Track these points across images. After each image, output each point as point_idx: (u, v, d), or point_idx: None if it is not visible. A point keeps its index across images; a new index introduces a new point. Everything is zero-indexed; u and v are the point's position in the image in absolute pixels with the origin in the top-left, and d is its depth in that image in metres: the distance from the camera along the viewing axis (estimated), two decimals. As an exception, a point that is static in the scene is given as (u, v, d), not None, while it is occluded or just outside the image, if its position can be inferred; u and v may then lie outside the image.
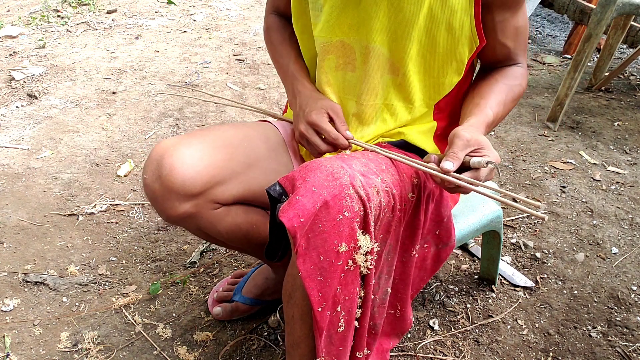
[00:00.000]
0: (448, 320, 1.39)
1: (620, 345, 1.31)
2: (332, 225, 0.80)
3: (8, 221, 1.75)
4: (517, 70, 1.07)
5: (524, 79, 1.08)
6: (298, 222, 0.79)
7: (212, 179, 0.98)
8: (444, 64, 1.00)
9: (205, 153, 0.98)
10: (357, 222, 0.82)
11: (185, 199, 0.97)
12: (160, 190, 0.96)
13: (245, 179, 1.04)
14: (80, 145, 2.17)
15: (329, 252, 0.81)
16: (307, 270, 0.81)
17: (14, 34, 3.23)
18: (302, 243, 0.80)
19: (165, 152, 0.95)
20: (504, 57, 1.06)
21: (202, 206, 1.00)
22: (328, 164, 0.85)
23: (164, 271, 1.56)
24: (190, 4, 3.79)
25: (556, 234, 1.67)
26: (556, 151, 2.10)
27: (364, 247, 0.83)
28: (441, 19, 0.94)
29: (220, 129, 1.06)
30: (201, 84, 2.66)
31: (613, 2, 2.08)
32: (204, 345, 1.32)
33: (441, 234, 1.01)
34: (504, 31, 1.00)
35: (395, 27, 0.95)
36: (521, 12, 1.01)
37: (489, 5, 0.96)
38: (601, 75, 2.58)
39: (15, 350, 1.32)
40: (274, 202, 0.89)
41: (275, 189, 0.89)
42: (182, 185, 0.95)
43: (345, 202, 0.81)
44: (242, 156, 1.03)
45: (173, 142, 0.98)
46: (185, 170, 0.95)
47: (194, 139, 1.00)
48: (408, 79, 1.01)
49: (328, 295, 0.83)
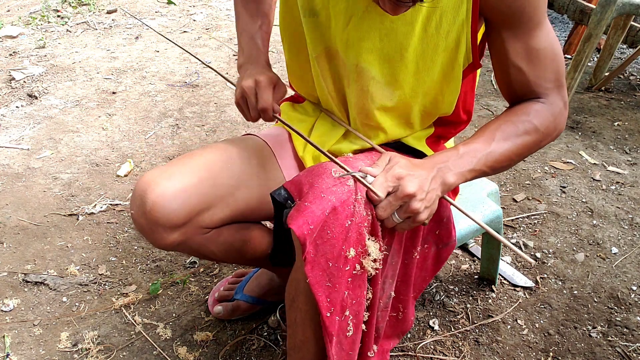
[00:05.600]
0: (448, 320, 1.39)
1: (620, 345, 1.31)
2: (341, 231, 0.80)
3: (8, 221, 1.75)
4: (531, 105, 0.92)
5: (542, 117, 0.90)
6: (308, 229, 0.78)
7: (196, 207, 0.99)
8: (442, 84, 0.96)
9: (187, 182, 0.98)
10: (366, 227, 0.82)
11: (171, 230, 0.99)
12: (146, 224, 0.98)
13: (232, 201, 1.04)
14: (80, 145, 2.17)
15: (337, 258, 0.80)
16: (316, 277, 0.80)
17: (14, 34, 3.23)
18: (310, 250, 0.79)
19: (147, 187, 0.97)
20: (521, 86, 0.92)
21: (191, 233, 1.01)
22: (334, 168, 0.85)
23: (164, 271, 1.56)
24: (190, 4, 3.79)
25: (556, 234, 1.67)
26: (556, 151, 2.10)
27: (373, 254, 0.83)
28: (437, 39, 0.90)
29: (202, 154, 1.05)
30: (201, 84, 2.66)
31: (613, 2, 2.08)
32: (204, 345, 1.32)
33: (441, 233, 1.01)
34: (517, 51, 0.89)
35: (388, 49, 0.91)
36: (540, 32, 0.88)
37: (492, 21, 0.90)
38: (601, 75, 2.58)
39: (15, 350, 1.32)
40: (278, 207, 0.89)
41: (280, 193, 0.88)
42: (166, 218, 0.96)
43: (353, 208, 0.80)
44: (226, 179, 1.03)
45: (154, 175, 0.98)
46: (167, 203, 0.96)
47: (175, 168, 1.00)
48: (405, 103, 0.98)
49: (336, 301, 0.83)
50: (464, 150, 0.88)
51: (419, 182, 0.81)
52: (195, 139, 2.22)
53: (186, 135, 2.24)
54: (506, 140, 0.89)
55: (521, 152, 0.91)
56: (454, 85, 0.96)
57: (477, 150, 0.88)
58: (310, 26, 0.97)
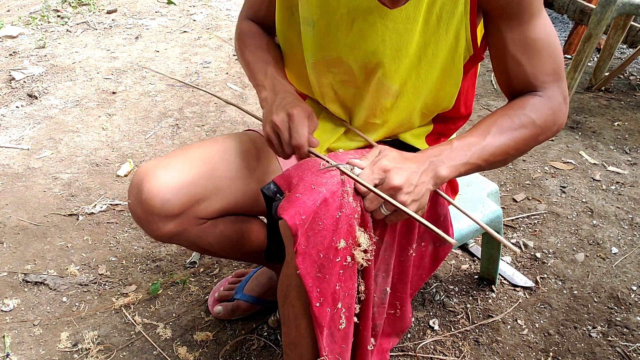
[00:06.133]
0: (448, 320, 1.39)
1: (620, 345, 1.31)
2: (331, 222, 0.80)
3: (8, 221, 1.75)
4: (528, 99, 0.91)
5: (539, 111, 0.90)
6: (300, 219, 0.79)
7: (192, 197, 1.00)
8: (443, 78, 0.96)
9: (184, 173, 0.99)
10: (356, 219, 0.82)
11: (167, 219, 0.99)
12: (142, 213, 0.99)
13: (228, 193, 1.04)
14: (80, 145, 2.17)
15: (328, 249, 0.81)
16: (306, 268, 0.81)
17: (14, 34, 3.23)
18: (302, 241, 0.80)
19: (144, 177, 0.98)
20: (519, 79, 0.92)
21: (187, 224, 1.02)
22: (323, 162, 0.86)
23: (164, 271, 1.56)
24: (190, 4, 3.79)
25: (556, 234, 1.67)
26: (556, 151, 2.10)
27: (363, 245, 0.83)
28: (438, 34, 0.90)
29: (200, 146, 1.06)
30: (201, 84, 2.66)
31: (613, 2, 2.08)
32: (204, 345, 1.32)
33: (438, 232, 1.01)
34: (514, 43, 0.89)
35: (392, 47, 0.92)
36: (537, 23, 0.88)
37: (489, 13, 0.90)
38: (601, 75, 2.58)
39: (15, 350, 1.32)
40: (268, 201, 0.89)
41: (269, 187, 0.89)
42: (161, 207, 0.97)
43: (343, 199, 0.81)
44: (223, 171, 1.03)
45: (152, 165, 0.99)
46: (163, 192, 0.97)
47: (172, 160, 1.01)
48: (409, 99, 0.98)
49: (327, 292, 0.83)
50: (458, 143, 0.88)
51: (406, 175, 0.80)
52: (195, 139, 2.22)
53: (186, 135, 2.24)
54: (502, 134, 0.88)
55: (518, 146, 0.90)
56: (455, 79, 0.96)
57: (471, 144, 0.87)
58: (307, 35, 0.97)
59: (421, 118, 1.05)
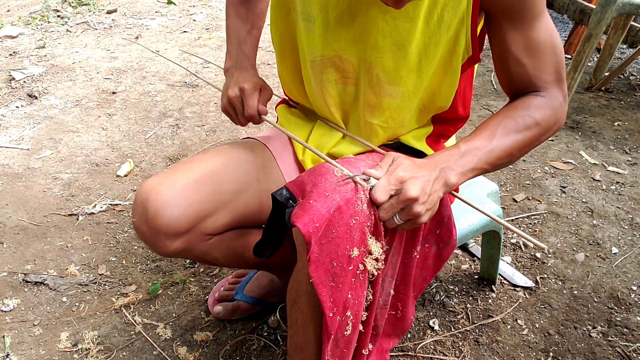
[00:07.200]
0: (448, 320, 1.39)
1: (620, 345, 1.31)
2: (345, 230, 0.79)
3: (8, 221, 1.75)
4: (531, 99, 0.92)
5: (542, 111, 0.91)
6: (313, 227, 0.77)
7: (199, 214, 0.99)
8: (440, 77, 0.96)
9: (189, 189, 0.99)
10: (368, 227, 0.82)
11: (174, 237, 0.99)
12: (148, 232, 0.98)
13: (234, 206, 1.04)
14: (80, 145, 2.17)
15: (341, 258, 0.80)
16: (320, 277, 0.80)
17: (14, 34, 3.23)
18: (315, 250, 0.78)
19: (149, 195, 0.97)
20: (521, 79, 0.93)
21: (194, 240, 1.02)
22: (337, 168, 0.85)
23: (164, 271, 1.56)
24: (190, 4, 3.79)
25: (556, 234, 1.67)
26: (556, 151, 2.10)
27: (375, 253, 0.83)
28: (439, 33, 0.90)
29: (204, 159, 1.05)
30: (201, 84, 2.66)
31: (613, 2, 2.08)
32: (204, 345, 1.32)
33: (442, 233, 1.01)
34: (517, 43, 0.89)
35: (392, 46, 0.92)
36: (540, 24, 0.89)
37: (492, 14, 0.90)
38: (601, 75, 2.58)
39: (15, 350, 1.32)
40: (279, 207, 0.88)
41: (282, 193, 0.88)
42: (168, 226, 0.96)
43: (357, 207, 0.80)
44: (228, 184, 1.03)
45: (156, 182, 0.98)
46: (169, 211, 0.96)
47: (177, 176, 1.00)
48: (407, 98, 0.98)
49: (339, 301, 0.83)
50: (465, 148, 0.88)
51: (421, 185, 0.81)
52: (195, 139, 2.22)
53: (186, 135, 2.24)
54: (507, 136, 0.90)
55: (522, 147, 0.92)
56: (452, 79, 0.96)
57: (478, 149, 0.88)
58: (307, 32, 0.97)
59: (419, 118, 1.05)
